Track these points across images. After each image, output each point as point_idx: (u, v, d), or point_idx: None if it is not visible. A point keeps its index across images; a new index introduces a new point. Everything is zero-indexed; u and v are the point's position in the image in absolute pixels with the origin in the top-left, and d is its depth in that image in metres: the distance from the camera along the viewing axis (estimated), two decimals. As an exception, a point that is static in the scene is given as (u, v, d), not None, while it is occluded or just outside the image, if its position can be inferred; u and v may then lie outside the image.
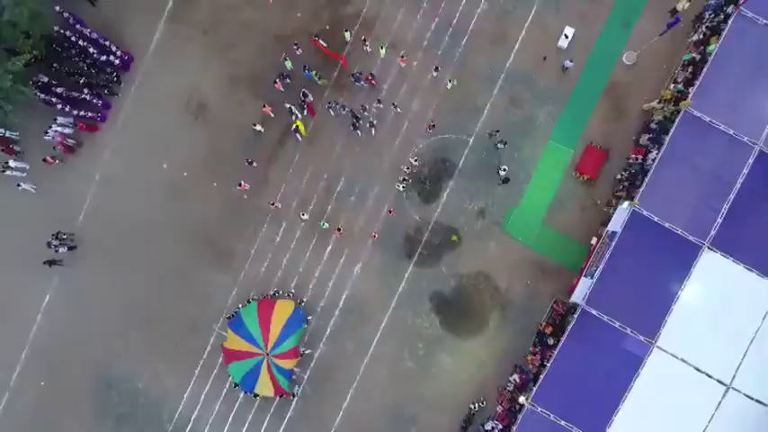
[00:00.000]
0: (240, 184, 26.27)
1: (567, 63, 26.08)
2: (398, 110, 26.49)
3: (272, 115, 26.49)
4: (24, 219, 26.86)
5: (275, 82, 26.07)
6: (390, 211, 26.26)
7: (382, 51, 26.25)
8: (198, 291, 26.67)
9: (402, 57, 26.35)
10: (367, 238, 26.58)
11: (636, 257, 23.46)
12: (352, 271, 26.68)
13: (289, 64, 26.21)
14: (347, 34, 26.50)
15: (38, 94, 25.67)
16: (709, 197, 23.42)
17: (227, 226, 26.86)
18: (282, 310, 24.62)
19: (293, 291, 26.58)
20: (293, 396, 25.99)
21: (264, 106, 26.19)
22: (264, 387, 24.56)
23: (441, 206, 26.69)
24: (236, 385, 25.17)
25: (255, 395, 25.56)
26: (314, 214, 26.81)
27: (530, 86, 26.56)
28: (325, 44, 26.13)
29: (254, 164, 26.26)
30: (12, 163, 26.17)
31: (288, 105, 25.94)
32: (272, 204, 26.32)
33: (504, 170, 25.72)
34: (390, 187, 26.70)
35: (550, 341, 25.22)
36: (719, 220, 23.12)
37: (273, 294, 26.32)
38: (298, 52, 26.45)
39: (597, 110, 26.40)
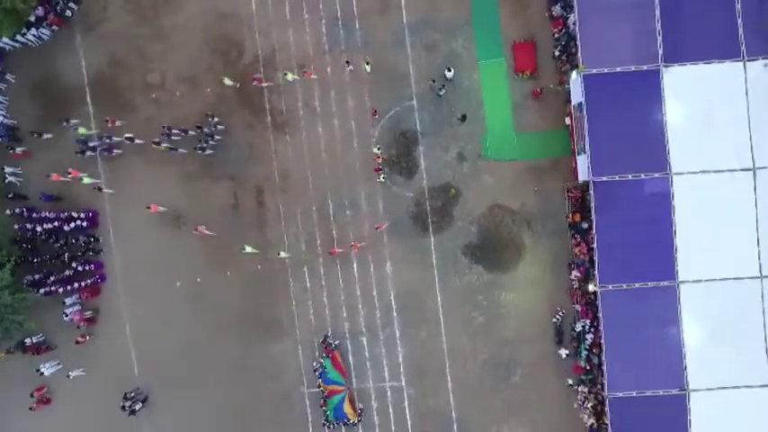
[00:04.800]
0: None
1: None
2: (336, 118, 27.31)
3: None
4: (90, 399, 27.71)
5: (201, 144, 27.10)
6: (377, 227, 27.07)
7: (290, 77, 26.97)
8: (269, 368, 27.55)
9: (305, 71, 27.09)
10: (381, 237, 27.34)
11: (611, 111, 24.23)
12: (386, 272, 27.47)
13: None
14: (258, 79, 27.26)
15: (37, 292, 26.50)
16: (639, 23, 24.13)
17: (260, 300, 27.69)
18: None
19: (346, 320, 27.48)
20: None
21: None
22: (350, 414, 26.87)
23: (424, 172, 27.43)
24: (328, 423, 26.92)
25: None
26: (323, 243, 27.63)
27: (434, 27, 27.23)
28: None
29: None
30: (43, 369, 27.08)
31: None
32: (278, 254, 27.11)
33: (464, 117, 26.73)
34: (373, 183, 27.43)
35: (584, 226, 25.93)
36: (660, 37, 23.79)
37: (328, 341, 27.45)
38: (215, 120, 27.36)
39: (502, 11, 27.06)
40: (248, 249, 26.76)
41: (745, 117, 23.50)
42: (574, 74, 24.52)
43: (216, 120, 27.12)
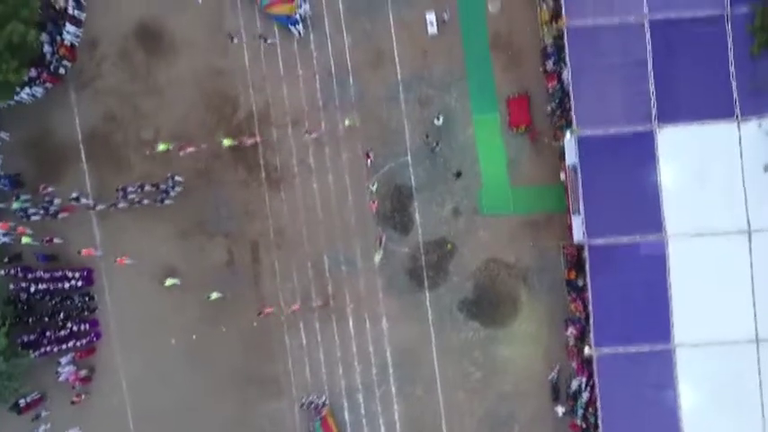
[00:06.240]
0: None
1: (444, 16, 26.56)
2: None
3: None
4: (86, 458, 27.69)
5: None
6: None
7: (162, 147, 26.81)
8: (266, 427, 27.47)
9: (308, 131, 27.19)
10: (377, 293, 27.30)
11: (606, 172, 24.24)
12: (382, 328, 27.41)
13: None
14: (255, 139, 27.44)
15: (31, 353, 26.44)
16: (632, 83, 24.15)
17: (256, 357, 27.62)
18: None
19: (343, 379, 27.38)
20: None
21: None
22: None
23: (420, 228, 27.38)
24: None
25: None
26: (319, 299, 27.60)
27: (428, 82, 27.17)
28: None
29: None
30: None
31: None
32: (260, 314, 27.02)
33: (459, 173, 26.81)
34: (367, 238, 27.35)
35: (580, 283, 25.85)
36: (653, 97, 23.78)
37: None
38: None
39: (495, 66, 27.04)
40: (213, 296, 26.79)
41: (740, 178, 23.45)
42: (568, 134, 24.49)
43: (177, 179, 27.08)
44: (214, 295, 26.88)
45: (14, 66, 22.16)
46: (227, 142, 26.85)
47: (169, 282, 27.00)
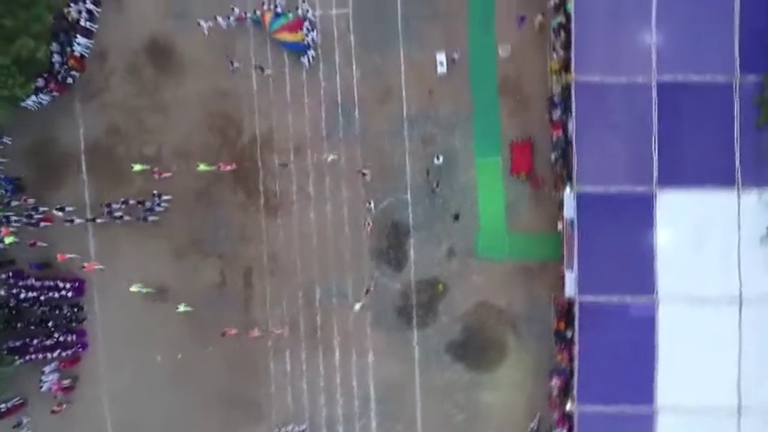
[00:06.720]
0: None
1: (455, 56, 26.61)
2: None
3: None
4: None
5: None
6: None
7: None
8: (245, 450, 27.55)
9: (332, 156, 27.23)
10: (365, 327, 27.33)
11: (603, 230, 24.20)
12: (367, 362, 27.43)
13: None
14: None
15: (17, 359, 26.49)
16: (636, 144, 24.10)
17: (239, 380, 27.70)
18: None
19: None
20: None
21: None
22: None
23: (413, 265, 27.39)
24: None
25: None
26: (307, 328, 27.62)
27: (434, 121, 27.17)
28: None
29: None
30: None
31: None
32: (223, 334, 27.10)
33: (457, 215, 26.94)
34: (360, 272, 27.36)
35: (569, 335, 25.83)
36: (655, 160, 23.76)
37: None
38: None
39: (502, 110, 27.02)
40: (181, 309, 26.85)
41: (736, 248, 23.43)
42: (568, 189, 24.47)
43: (164, 197, 27.22)
44: (182, 308, 26.94)
45: (21, 81, 22.17)
46: (202, 167, 26.88)
47: (182, 308, 27.04)
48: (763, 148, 23.44)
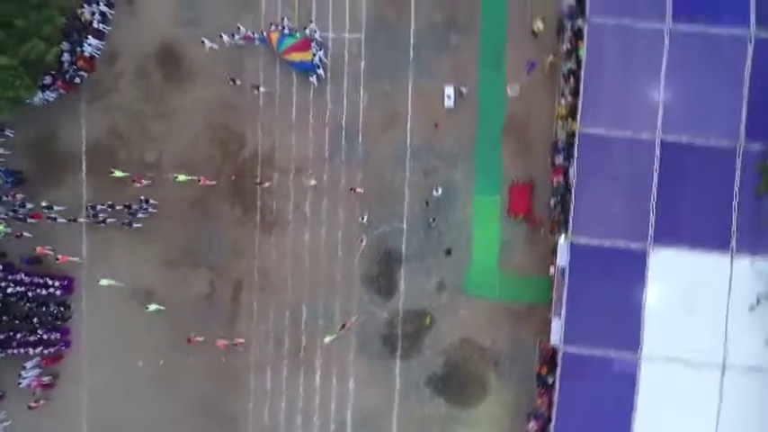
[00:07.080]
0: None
1: (463, 90, 26.65)
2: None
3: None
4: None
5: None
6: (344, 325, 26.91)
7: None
8: (218, 463, 27.61)
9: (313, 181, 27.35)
10: (348, 353, 27.35)
11: (593, 283, 24.19)
12: (348, 387, 27.45)
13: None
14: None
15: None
16: (634, 200, 24.04)
17: (218, 393, 27.72)
18: None
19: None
20: None
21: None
22: None
23: (402, 295, 27.40)
24: None
25: None
26: (291, 347, 27.65)
27: (436, 153, 27.17)
28: None
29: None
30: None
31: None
32: (189, 341, 27.12)
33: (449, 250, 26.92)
34: (349, 297, 27.39)
35: (550, 380, 25.85)
36: (652, 218, 23.74)
37: None
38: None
39: (505, 150, 27.00)
40: (152, 308, 26.84)
41: (724, 314, 23.39)
42: (562, 238, 24.47)
43: (151, 202, 27.31)
44: (152, 307, 26.92)
45: (27, 83, 22.16)
46: (182, 178, 26.88)
47: (152, 307, 26.99)
48: (762, 216, 23.42)
